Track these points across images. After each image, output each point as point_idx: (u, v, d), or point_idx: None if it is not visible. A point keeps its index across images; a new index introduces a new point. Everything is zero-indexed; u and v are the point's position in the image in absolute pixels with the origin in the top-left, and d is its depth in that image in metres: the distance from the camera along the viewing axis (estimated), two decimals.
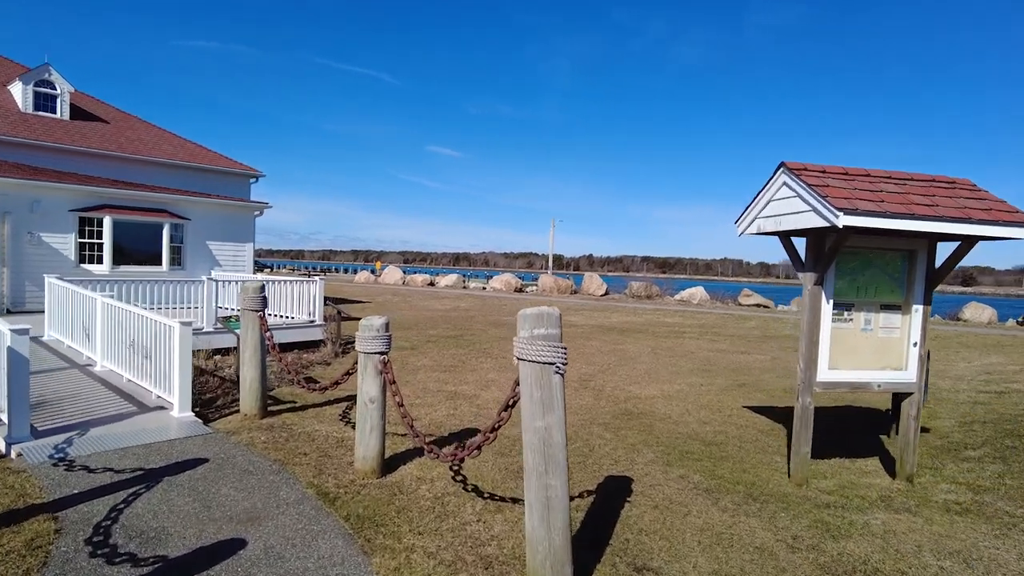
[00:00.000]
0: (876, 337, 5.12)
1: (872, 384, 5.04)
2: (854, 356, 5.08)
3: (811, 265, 4.85)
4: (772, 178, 4.97)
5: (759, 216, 5.24)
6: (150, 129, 21.58)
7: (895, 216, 4.26)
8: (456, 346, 13.00)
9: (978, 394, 9.39)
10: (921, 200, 4.48)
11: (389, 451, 5.52)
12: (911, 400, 5.12)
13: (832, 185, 4.50)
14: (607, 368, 10.99)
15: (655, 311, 24.95)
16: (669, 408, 7.96)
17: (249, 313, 6.41)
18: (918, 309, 5.06)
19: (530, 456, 3.12)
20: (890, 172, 4.87)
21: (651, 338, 15.89)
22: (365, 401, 4.81)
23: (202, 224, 15.62)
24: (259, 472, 4.90)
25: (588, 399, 8.30)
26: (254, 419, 6.47)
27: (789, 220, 4.82)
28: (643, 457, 5.76)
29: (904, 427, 5.18)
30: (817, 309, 4.88)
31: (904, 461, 5.19)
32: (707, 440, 6.46)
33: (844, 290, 5.03)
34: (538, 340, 3.06)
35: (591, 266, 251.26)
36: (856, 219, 4.20)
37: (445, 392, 8.40)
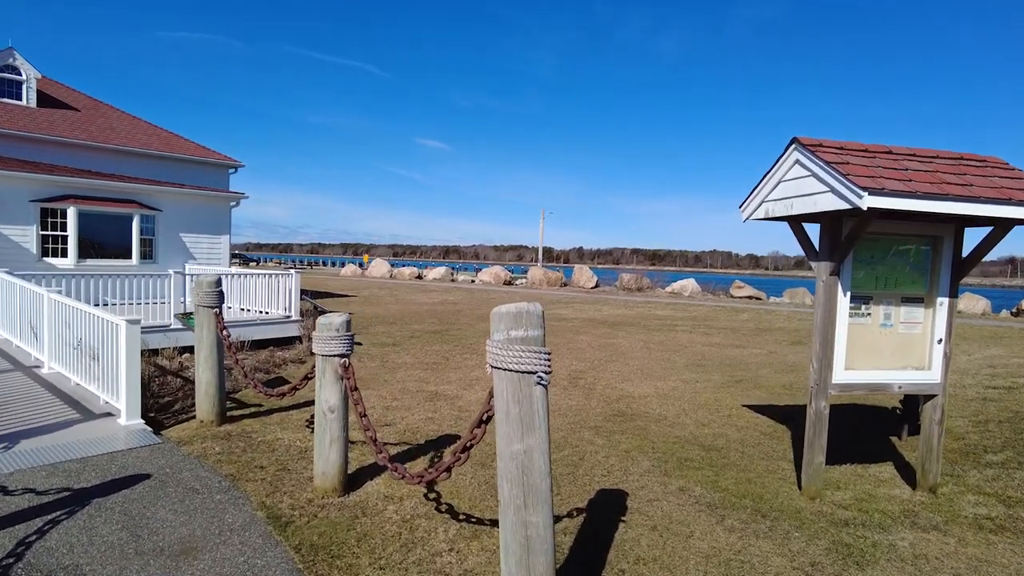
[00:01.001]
0: (896, 333, 4.62)
1: (892, 385, 4.54)
2: (872, 355, 4.57)
3: (826, 254, 4.32)
4: (782, 156, 4.43)
5: (767, 199, 4.71)
6: (123, 117, 20.75)
7: (926, 197, 3.74)
8: (440, 342, 12.44)
9: (986, 390, 8.97)
10: (953, 179, 3.97)
11: (356, 463, 4.97)
12: (935, 403, 4.63)
13: (852, 163, 3.97)
14: (598, 364, 10.47)
15: (646, 304, 24.50)
16: (664, 408, 7.45)
17: (204, 310, 5.81)
18: (943, 302, 4.56)
19: (506, 487, 2.57)
20: (913, 149, 4.35)
21: (643, 331, 15.40)
22: (324, 410, 4.25)
23: (175, 215, 14.91)
24: (206, 490, 4.32)
25: (578, 399, 7.78)
26: (211, 426, 5.89)
27: (802, 203, 4.29)
28: (638, 466, 5.23)
29: (927, 433, 4.69)
30: (833, 303, 4.36)
31: (926, 470, 4.70)
32: (707, 445, 5.95)
33: (862, 282, 4.52)
34: (516, 344, 2.51)
35: (581, 259, 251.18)
36: (882, 200, 3.67)
37: (425, 392, 7.84)
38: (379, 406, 7.06)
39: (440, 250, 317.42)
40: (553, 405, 7.37)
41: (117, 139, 18.46)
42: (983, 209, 3.83)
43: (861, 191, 3.65)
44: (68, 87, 21.18)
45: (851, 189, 3.73)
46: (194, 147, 20.46)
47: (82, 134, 17.50)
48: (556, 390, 8.22)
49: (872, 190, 3.64)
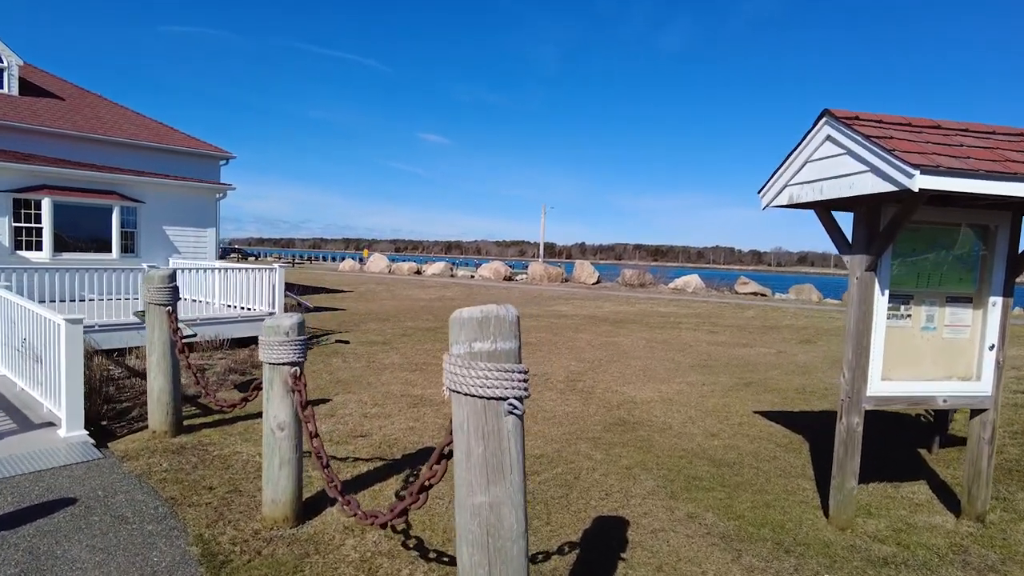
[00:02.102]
0: (940, 338, 3.99)
1: (936, 398, 3.91)
2: (912, 362, 3.94)
3: (862, 246, 3.69)
4: (810, 132, 3.80)
5: (791, 183, 4.07)
6: (111, 108, 20.13)
7: (989, 176, 3.11)
8: (433, 340, 11.84)
9: (1014, 394, 8.33)
10: (1019, 156, 3.33)
11: (319, 484, 4.36)
12: (984, 419, 4.00)
13: (898, 137, 3.33)
14: (598, 365, 9.85)
15: (648, 300, 23.86)
16: (669, 415, 6.83)
17: (155, 308, 5.20)
18: (996, 302, 3.93)
19: (465, 552, 1.94)
20: (966, 123, 3.72)
21: (645, 329, 14.78)
22: (272, 428, 3.63)
23: (158, 207, 14.30)
24: (137, 519, 3.72)
25: (576, 404, 7.16)
26: (164, 437, 5.29)
27: (835, 186, 3.66)
28: (641, 486, 4.62)
29: (974, 452, 4.06)
30: (869, 303, 3.74)
31: (974, 496, 4.08)
32: (717, 459, 5.34)
33: (901, 279, 3.89)
34: (480, 361, 1.89)
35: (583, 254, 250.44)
36: (937, 181, 3.04)
37: (410, 397, 7.23)
38: (357, 413, 6.45)
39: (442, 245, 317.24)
40: (548, 412, 6.76)
41: (103, 129, 17.84)
42: None
43: (912, 169, 3.02)
44: (53, 75, 20.55)
45: (899, 168, 3.10)
46: (184, 138, 19.84)
47: (66, 123, 16.88)
48: (552, 395, 7.61)
49: (925, 168, 3.01)
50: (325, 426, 5.95)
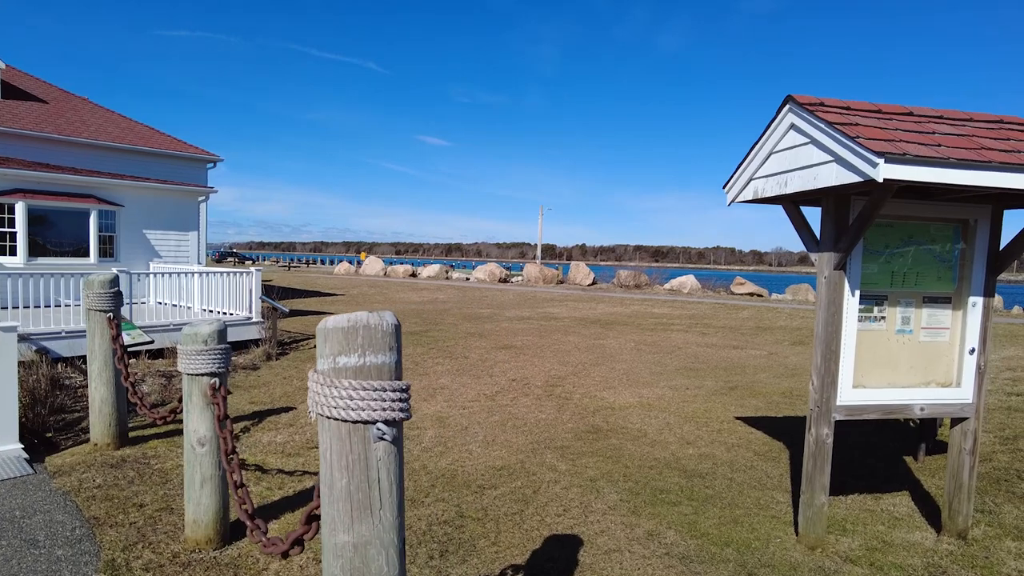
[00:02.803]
0: (917, 342, 3.71)
1: (913, 407, 3.64)
2: (887, 368, 3.67)
3: (830, 243, 3.42)
4: (774, 121, 3.53)
5: (756, 176, 3.80)
6: (96, 111, 19.91)
7: (962, 165, 2.83)
8: (416, 344, 11.57)
9: (1009, 397, 8.04)
10: (994, 144, 3.06)
11: (255, 500, 4.09)
12: (965, 428, 3.72)
13: (863, 124, 3.06)
14: (581, 369, 9.58)
15: (643, 301, 23.58)
16: (646, 421, 6.55)
17: (96, 314, 4.94)
18: (976, 303, 3.65)
19: None
20: (940, 110, 3.45)
21: (636, 331, 14.50)
22: (192, 443, 3.36)
23: (138, 211, 14.05)
24: (49, 542, 3.45)
25: (550, 411, 6.88)
26: (106, 450, 5.02)
27: (799, 178, 3.39)
28: (603, 501, 4.34)
29: (955, 464, 3.78)
30: (838, 304, 3.46)
31: (955, 511, 3.79)
32: (689, 469, 5.06)
33: (874, 278, 3.61)
34: (345, 378, 1.62)
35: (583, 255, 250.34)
36: (903, 170, 2.77)
37: None
38: (308, 425, 6.18)
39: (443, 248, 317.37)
40: (520, 419, 6.49)
41: (87, 132, 17.60)
42: None
43: (875, 158, 2.75)
44: (38, 79, 20.35)
45: (862, 156, 2.83)
46: (170, 141, 19.61)
47: (48, 127, 16.66)
48: (527, 400, 7.34)
49: (890, 156, 2.74)
50: (281, 436, 5.69)
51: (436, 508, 4.12)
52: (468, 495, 4.36)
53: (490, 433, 5.92)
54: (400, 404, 1.66)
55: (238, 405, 6.87)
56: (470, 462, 5.07)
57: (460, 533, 3.76)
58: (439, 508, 4.12)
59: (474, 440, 5.68)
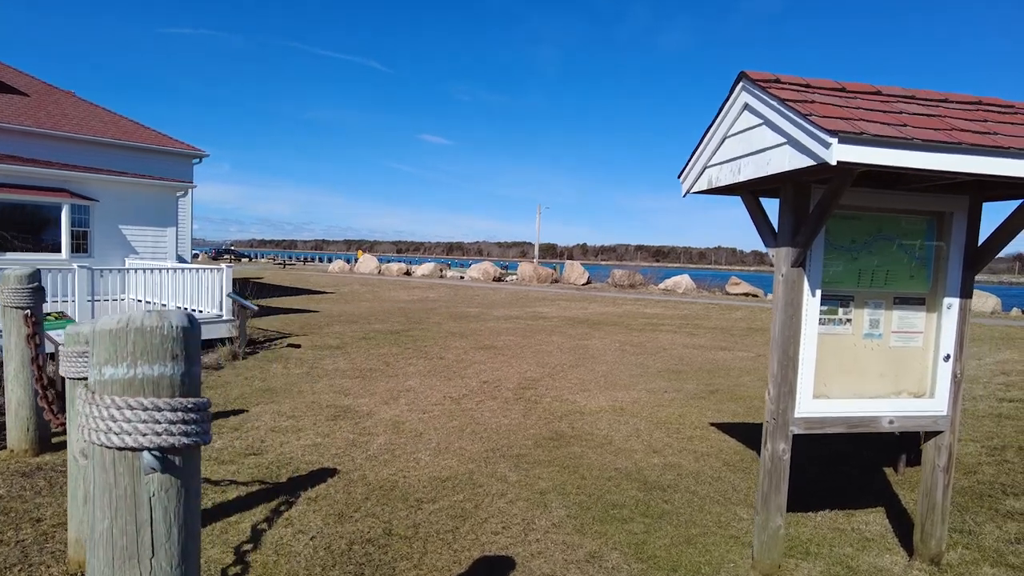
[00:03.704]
0: (887, 347, 3.36)
1: (881, 419, 3.28)
2: (854, 376, 3.32)
3: (787, 236, 3.07)
4: (728, 101, 3.18)
5: (710, 164, 3.45)
6: (80, 105, 19.60)
7: (927, 147, 2.48)
8: (393, 343, 11.23)
9: (1000, 403, 7.69)
10: (968, 126, 2.71)
11: None
12: (940, 443, 3.37)
13: (820, 101, 2.71)
14: (558, 370, 9.23)
15: (636, 301, 23.22)
16: (614, 428, 6.21)
17: (12, 312, 4.60)
18: (951, 304, 3.30)
19: None
20: (913, 90, 3.10)
21: (623, 332, 14.15)
22: (75, 455, 3.02)
23: (113, 206, 13.72)
24: None
25: (515, 416, 6.54)
26: (23, 456, 4.69)
27: (752, 164, 3.04)
28: (549, 516, 3.99)
29: (928, 482, 3.43)
30: (796, 305, 3.11)
31: (927, 533, 3.44)
32: (650, 481, 4.71)
33: (839, 276, 3.26)
34: (110, 394, 1.28)
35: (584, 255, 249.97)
36: (861, 151, 2.42)
37: (336, 408, 6.62)
38: (265, 427, 5.84)
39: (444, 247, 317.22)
40: (481, 424, 6.14)
41: (68, 126, 17.30)
42: (1012, 167, 2.57)
43: (828, 137, 2.40)
44: (21, 72, 20.03)
45: (814, 136, 2.48)
46: (155, 136, 19.30)
47: (28, 120, 16.33)
48: (494, 404, 7.00)
49: (845, 135, 2.39)
50: (222, 441, 5.35)
51: (363, 524, 3.78)
52: (402, 510, 4.02)
53: (444, 440, 5.58)
54: (184, 427, 1.32)
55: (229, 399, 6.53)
56: (415, 472, 4.72)
57: (382, 554, 3.42)
58: (366, 524, 3.78)
59: (426, 448, 5.34)
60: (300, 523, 3.77)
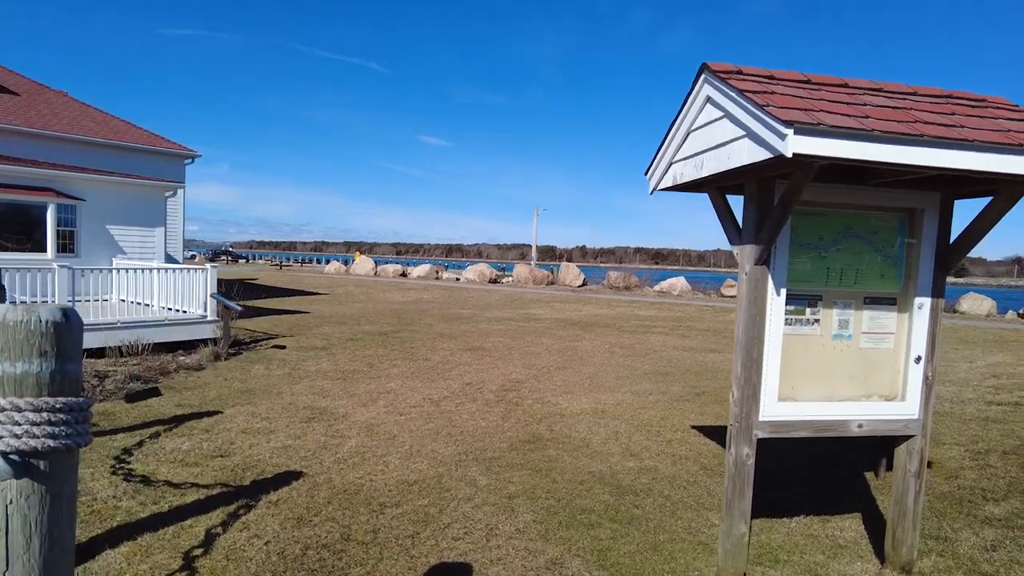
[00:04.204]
0: (857, 348, 3.26)
1: (850, 423, 3.19)
2: (822, 378, 3.22)
3: (751, 233, 2.97)
4: (691, 94, 3.08)
5: (675, 160, 3.36)
6: (72, 105, 19.51)
7: (887, 139, 2.39)
8: (380, 345, 11.13)
9: (988, 406, 7.59)
10: (933, 119, 2.61)
11: (122, 515, 3.64)
12: (911, 448, 3.27)
13: (780, 92, 2.62)
14: (544, 372, 9.13)
15: (631, 303, 23.14)
16: (594, 430, 6.11)
17: None
18: (923, 304, 3.20)
19: None
20: (882, 83, 3.01)
21: (614, 333, 14.05)
22: None
23: (100, 206, 13.62)
24: None
25: (494, 418, 6.44)
26: None
27: (714, 159, 2.95)
28: (514, 522, 3.89)
29: (899, 488, 3.34)
30: (761, 304, 3.01)
31: (899, 540, 3.34)
32: (623, 485, 4.61)
33: (807, 274, 3.17)
34: None
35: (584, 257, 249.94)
36: (818, 143, 2.33)
37: (312, 410, 6.52)
38: (237, 428, 5.74)
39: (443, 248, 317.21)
40: (457, 427, 6.04)
41: (58, 125, 17.21)
42: (977, 160, 2.48)
43: (783, 128, 2.31)
44: (12, 72, 19.95)
45: (770, 127, 2.39)
46: (145, 136, 19.22)
47: (16, 119, 16.24)
48: (474, 407, 6.89)
49: (801, 126, 2.30)
50: (190, 443, 5.25)
51: (322, 529, 3.68)
52: (364, 514, 3.91)
53: (418, 443, 5.48)
54: (51, 429, 1.22)
55: (162, 408, 6.44)
56: (382, 476, 4.62)
57: (336, 560, 3.31)
58: (325, 529, 3.68)
59: (397, 451, 5.24)
60: (257, 527, 3.67)
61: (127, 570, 3.09)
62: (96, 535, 3.43)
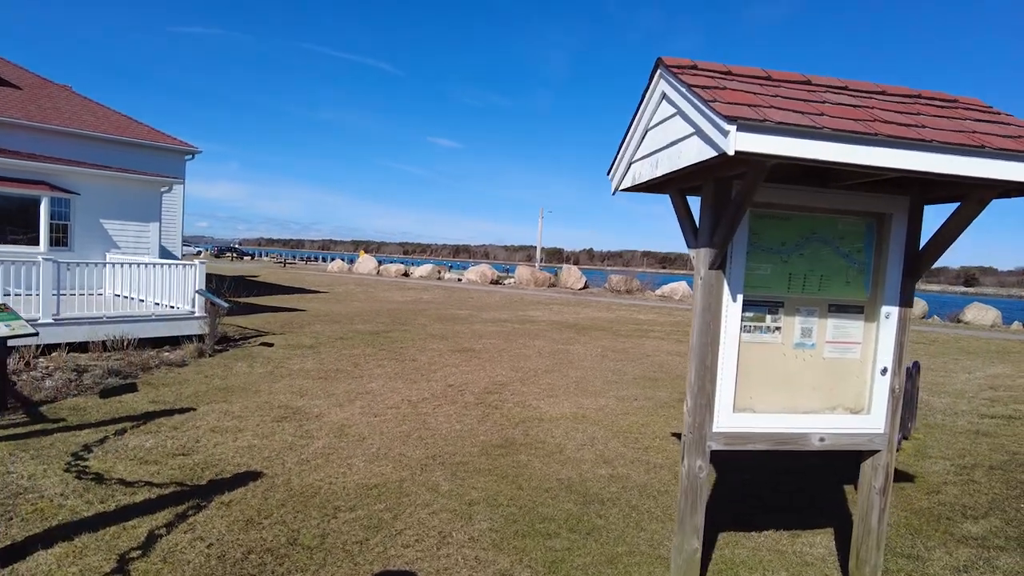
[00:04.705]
0: (821, 359, 3.13)
1: (810, 436, 3.05)
2: (783, 390, 3.08)
3: (706, 235, 2.85)
4: (647, 91, 2.96)
5: (635, 159, 3.24)
6: (74, 99, 19.57)
7: (840, 137, 2.25)
8: (369, 344, 11.04)
9: (981, 419, 7.41)
10: (893, 118, 2.48)
11: (66, 513, 3.55)
12: (876, 463, 3.13)
13: (730, 87, 2.49)
14: (531, 375, 9.01)
15: (630, 307, 22.98)
16: (570, 436, 5.98)
17: None
18: (890, 313, 3.06)
19: None
20: (848, 81, 2.87)
21: (609, 337, 13.91)
22: None
23: (95, 200, 13.60)
24: None
25: (470, 421, 6.32)
26: None
27: (667, 158, 2.82)
28: (468, 530, 3.77)
29: (864, 505, 3.19)
30: (715, 310, 2.89)
31: (862, 560, 3.20)
32: (591, 494, 4.48)
33: (767, 280, 3.03)
34: None
35: (590, 260, 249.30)
36: (763, 140, 2.20)
37: (286, 409, 6.42)
38: (206, 426, 5.65)
39: (450, 249, 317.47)
40: (431, 430, 5.93)
41: (58, 119, 17.26)
42: (939, 162, 2.34)
43: (726, 124, 2.18)
44: (16, 65, 20.05)
45: (714, 123, 2.26)
46: (146, 131, 19.25)
47: (18, 113, 16.30)
48: (452, 409, 6.78)
49: (744, 123, 2.17)
50: (155, 440, 5.16)
51: (269, 532, 3.57)
52: (316, 518, 3.81)
53: (387, 445, 5.37)
54: None
55: (136, 404, 6.37)
56: (343, 479, 4.51)
57: (277, 565, 3.21)
58: (272, 533, 3.57)
59: (364, 453, 5.13)
60: (203, 529, 3.57)
61: (56, 572, 2.99)
62: (34, 534, 3.34)
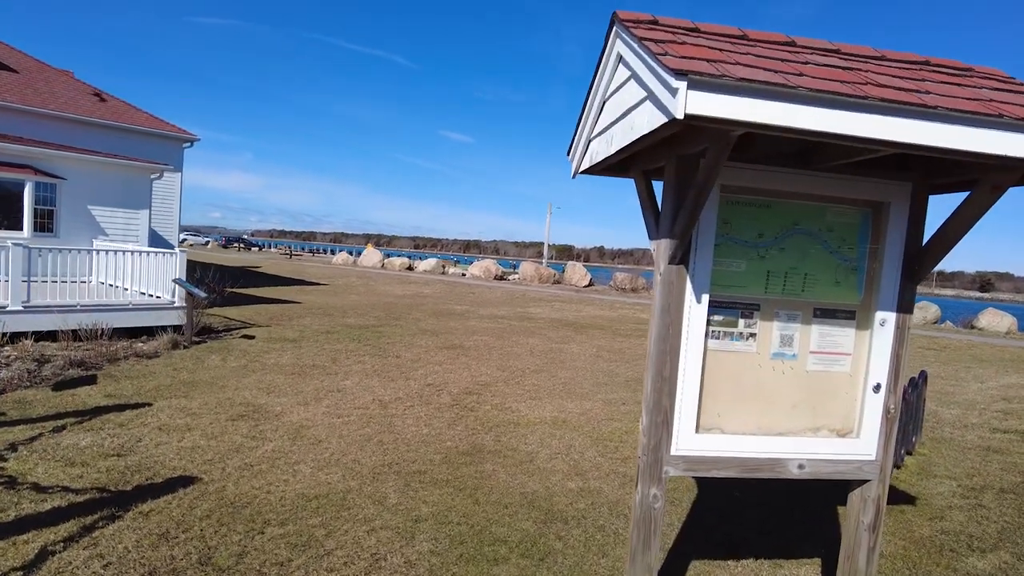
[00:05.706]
0: (803, 371, 2.68)
1: (788, 462, 2.60)
2: (759, 406, 2.64)
3: (667, 224, 2.41)
4: (604, 53, 2.52)
5: (593, 135, 2.80)
6: (72, 84, 19.33)
7: (818, 100, 1.81)
8: (354, 339, 10.66)
9: (993, 433, 6.90)
10: (892, 83, 2.02)
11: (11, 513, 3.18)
12: (866, 493, 2.68)
13: (690, 43, 2.05)
14: (517, 375, 8.59)
15: (634, 305, 22.49)
16: (545, 443, 5.55)
17: None
18: (886, 320, 2.61)
19: None
20: (841, 44, 2.42)
21: (607, 337, 13.46)
22: None
23: (83, 185, 13.32)
24: None
25: (440, 425, 5.91)
26: None
27: (621, 131, 2.38)
28: (408, 550, 3.36)
29: (851, 542, 2.75)
30: (675, 313, 2.45)
31: None
32: (555, 511, 4.06)
33: (741, 278, 2.59)
34: None
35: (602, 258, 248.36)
36: (718, 101, 1.76)
37: (247, 407, 6.05)
38: (154, 424, 5.29)
39: (461, 244, 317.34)
40: (395, 434, 5.53)
41: (55, 104, 17.02)
42: (945, 134, 1.88)
43: (675, 80, 1.74)
44: (15, 49, 19.85)
45: (662, 80, 1.83)
46: (143, 117, 18.98)
47: (13, 96, 16.07)
48: (424, 411, 6.38)
49: (697, 78, 1.73)
50: (90, 439, 4.80)
51: (181, 549, 3.18)
52: (239, 533, 3.42)
53: (342, 450, 4.97)
54: None
55: (88, 398, 6.02)
56: (283, 487, 4.12)
57: None
58: (185, 550, 3.19)
59: (315, 458, 4.73)
60: (107, 544, 3.19)
61: None
62: None
